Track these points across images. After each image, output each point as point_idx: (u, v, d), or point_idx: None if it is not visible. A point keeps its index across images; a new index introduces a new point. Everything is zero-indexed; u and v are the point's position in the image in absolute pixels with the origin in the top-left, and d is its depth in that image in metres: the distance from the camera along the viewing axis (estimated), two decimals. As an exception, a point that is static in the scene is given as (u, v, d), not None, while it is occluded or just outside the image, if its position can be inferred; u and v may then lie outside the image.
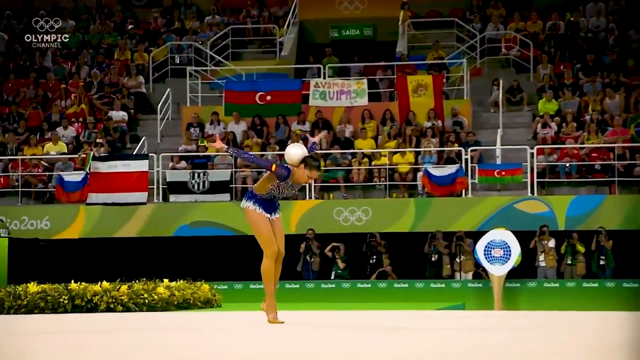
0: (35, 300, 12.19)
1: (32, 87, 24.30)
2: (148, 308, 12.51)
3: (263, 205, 9.30)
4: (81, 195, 20.82)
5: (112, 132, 22.60)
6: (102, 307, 12.12)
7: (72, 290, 12.26)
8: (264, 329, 8.51)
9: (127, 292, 12.24)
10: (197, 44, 25.64)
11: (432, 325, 8.92)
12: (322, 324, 9.44)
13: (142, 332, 8.14)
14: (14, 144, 22.07)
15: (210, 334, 7.95)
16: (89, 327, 8.79)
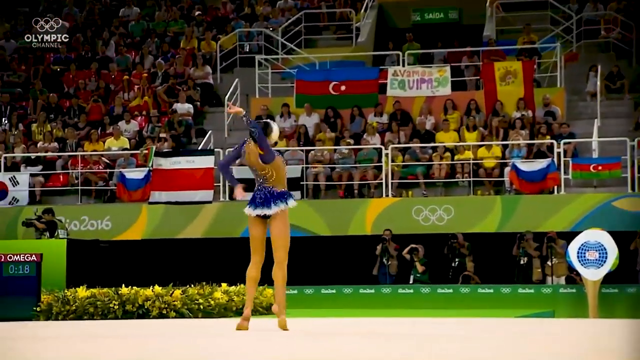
0: (84, 305, 12.36)
1: (94, 78, 24.69)
2: (204, 314, 12.58)
3: (253, 199, 9.89)
4: (143, 193, 21.06)
5: (177, 126, 22.81)
6: (154, 313, 12.23)
7: (122, 295, 12.39)
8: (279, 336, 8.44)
9: (180, 298, 12.32)
10: (268, 31, 25.73)
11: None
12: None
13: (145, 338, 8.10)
14: (74, 139, 22.44)
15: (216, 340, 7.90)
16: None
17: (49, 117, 23.26)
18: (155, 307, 12.25)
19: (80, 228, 20.86)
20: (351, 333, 8.88)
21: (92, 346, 7.44)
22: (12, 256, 13.25)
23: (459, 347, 7.18)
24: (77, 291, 12.60)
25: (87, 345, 7.61)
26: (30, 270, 13.20)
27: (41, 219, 19.20)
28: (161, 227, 20.74)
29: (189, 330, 9.80)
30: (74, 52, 25.75)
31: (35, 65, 25.35)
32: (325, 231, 20.48)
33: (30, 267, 13.16)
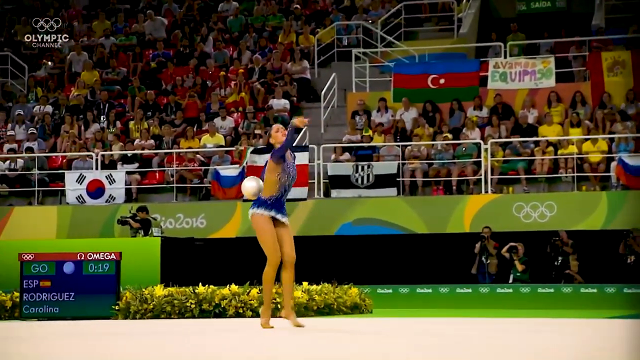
0: (161, 304, 12.61)
1: (192, 75, 25.11)
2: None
3: (274, 208, 10.24)
4: (238, 190, 21.29)
5: (272, 122, 23.03)
6: (230, 312, 12.40)
7: (199, 294, 12.60)
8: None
9: (257, 297, 12.46)
10: (367, 24, 25.75)
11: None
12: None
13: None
14: (171, 136, 22.85)
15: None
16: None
17: (146, 114, 23.74)
18: (232, 306, 12.41)
19: (176, 226, 21.22)
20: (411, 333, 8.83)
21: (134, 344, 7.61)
22: (92, 255, 13.58)
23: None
24: (154, 290, 12.86)
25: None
26: (109, 268, 13.52)
27: (136, 217, 19.63)
28: (255, 225, 20.90)
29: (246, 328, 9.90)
30: (172, 49, 26.21)
31: (134, 62, 25.91)
32: (422, 229, 20.41)
33: (109, 266, 13.48)
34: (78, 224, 21.30)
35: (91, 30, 27.20)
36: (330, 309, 13.80)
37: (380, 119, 22.72)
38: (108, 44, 26.49)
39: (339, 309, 13.98)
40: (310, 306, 13.24)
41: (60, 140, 23.05)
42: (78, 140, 22.85)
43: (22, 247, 15.86)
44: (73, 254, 13.70)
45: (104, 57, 25.96)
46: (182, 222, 21.28)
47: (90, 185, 21.58)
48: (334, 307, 13.88)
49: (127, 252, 17.82)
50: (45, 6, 28.79)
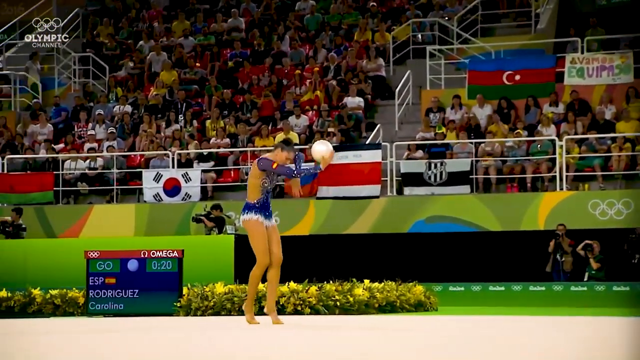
0: (222, 301, 12.78)
1: (268, 73, 25.33)
2: (341, 311, 12.77)
3: (262, 211, 10.83)
4: (311, 188, 21.47)
5: (347, 120, 23.12)
6: (289, 309, 12.51)
7: (258, 291, 12.73)
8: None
9: (315, 294, 12.56)
10: (443, 20, 25.66)
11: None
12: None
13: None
14: (246, 135, 23.09)
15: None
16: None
17: (223, 113, 24.02)
18: (290, 303, 12.52)
19: (250, 223, 21.36)
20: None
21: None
22: (155, 252, 13.82)
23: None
24: (215, 287, 13.04)
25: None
26: (172, 266, 13.74)
27: (210, 214, 19.89)
28: (328, 223, 21.05)
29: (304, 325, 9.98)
30: (249, 48, 26.46)
31: (212, 61, 26.22)
32: (495, 226, 20.28)
33: (172, 263, 13.70)
34: (155, 221, 21.65)
35: (171, 31, 27.59)
36: (393, 307, 13.82)
37: (454, 116, 22.64)
38: (187, 44, 26.85)
39: (402, 307, 13.99)
40: (372, 304, 13.29)
41: (139, 139, 23.46)
42: (156, 139, 23.22)
43: (102, 245, 16.21)
44: (137, 251, 13.95)
45: (182, 57, 26.32)
46: (257, 220, 21.40)
47: (167, 183, 21.92)
48: (396, 304, 13.90)
49: (200, 250, 18.16)
50: (126, 7, 29.31)
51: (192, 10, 28.43)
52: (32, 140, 24.19)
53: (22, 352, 7.17)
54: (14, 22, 28.36)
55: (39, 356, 6.85)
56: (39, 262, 18.16)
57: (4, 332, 10.45)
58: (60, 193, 22.59)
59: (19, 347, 7.69)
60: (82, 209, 22.31)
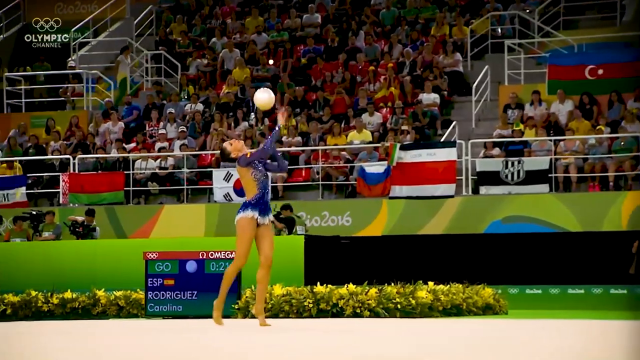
0: (279, 303, 12.85)
1: (341, 70, 25.35)
2: (403, 314, 12.73)
3: (258, 207, 10.66)
4: (384, 188, 21.42)
5: (421, 117, 23.04)
6: (348, 311, 12.52)
7: (317, 293, 12.78)
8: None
9: (375, 296, 12.55)
10: (523, 13, 25.40)
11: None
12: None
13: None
14: (318, 133, 23.14)
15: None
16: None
17: (294, 111, 24.12)
18: (349, 305, 12.53)
19: (321, 224, 21.46)
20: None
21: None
22: (213, 253, 13.94)
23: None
24: (273, 289, 13.11)
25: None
26: (230, 267, 13.80)
27: (280, 215, 19.98)
28: (402, 223, 20.97)
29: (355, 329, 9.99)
30: (323, 44, 26.52)
31: (285, 58, 26.35)
32: (575, 227, 20.00)
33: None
34: (225, 222, 21.77)
35: (244, 27, 27.80)
36: (459, 310, 13.73)
37: (533, 112, 22.38)
38: (260, 41, 27.02)
39: (468, 310, 13.89)
40: (435, 306, 13.22)
41: (210, 138, 23.68)
42: (227, 138, 23.40)
43: (171, 246, 16.40)
44: (195, 252, 14.09)
45: (255, 54, 26.49)
46: (328, 220, 21.51)
47: (238, 183, 22.04)
48: (462, 307, 13.81)
49: (270, 250, 18.26)
50: (200, 4, 29.59)
51: (266, 6, 28.60)
52: (104, 139, 24.58)
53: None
54: (87, 21, 28.86)
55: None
56: (107, 263, 18.46)
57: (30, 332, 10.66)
58: (130, 193, 22.92)
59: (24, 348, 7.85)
60: (153, 209, 22.59)
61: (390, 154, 21.10)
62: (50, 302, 16.64)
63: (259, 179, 10.68)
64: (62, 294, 16.67)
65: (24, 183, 23.36)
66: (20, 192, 23.33)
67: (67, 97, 26.97)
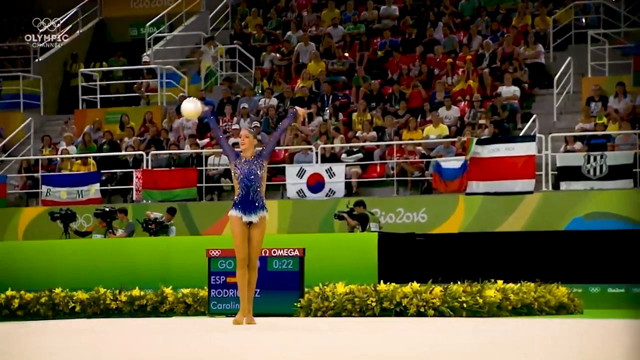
0: (342, 302, 12.86)
1: (418, 62, 25.25)
2: (469, 313, 12.65)
3: (241, 207, 10.92)
4: (460, 183, 21.29)
5: (501, 110, 22.83)
6: (411, 310, 12.48)
7: (380, 291, 12.77)
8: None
9: (440, 295, 12.49)
10: (609, 2, 25.01)
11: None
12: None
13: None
14: (393, 127, 23.08)
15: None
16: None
17: (370, 105, 24.10)
18: (413, 304, 12.49)
19: (396, 221, 21.41)
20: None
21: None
22: (276, 251, 13.99)
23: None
24: (336, 287, 13.13)
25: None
26: (293, 265, 13.88)
27: (353, 211, 19.99)
28: (479, 220, 20.80)
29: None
30: (400, 36, 26.45)
31: (361, 51, 26.34)
32: (662, 224, 19.69)
33: (293, 262, 13.85)
34: (298, 218, 21.89)
35: (320, 20, 27.86)
36: (530, 309, 13.59)
37: (617, 105, 22.03)
38: (336, 34, 27.05)
39: (540, 309, 13.75)
40: (504, 306, 13.11)
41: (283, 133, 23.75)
42: (300, 133, 23.49)
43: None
44: (258, 249, 14.14)
45: (330, 47, 26.53)
46: (403, 217, 21.45)
47: (311, 179, 22.16)
48: (533, 307, 13.67)
49: (343, 247, 18.27)
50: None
51: (343, -1, 28.64)
52: (177, 135, 24.83)
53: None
54: (162, 15, 29.20)
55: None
56: (178, 260, 18.66)
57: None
58: (203, 189, 23.13)
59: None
60: (225, 206, 22.69)
61: (467, 148, 20.97)
62: (118, 299, 16.88)
63: (238, 177, 10.84)
64: (130, 292, 16.87)
65: (98, 179, 23.73)
66: (94, 189, 23.70)
67: (142, 93, 27.32)
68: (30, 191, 24.71)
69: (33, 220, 23.58)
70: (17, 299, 17.49)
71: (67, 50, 29.80)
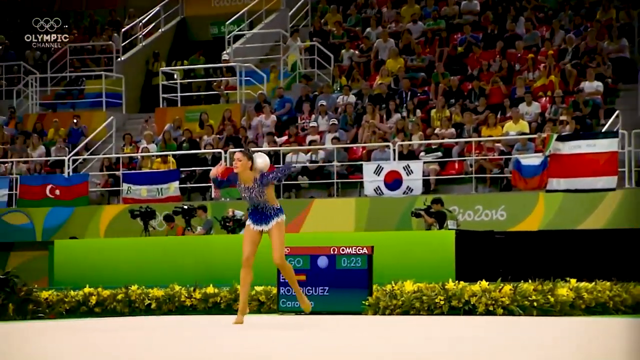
0: (410, 300, 12.80)
1: (499, 58, 25.01)
2: (540, 312, 12.49)
3: (252, 217, 11.70)
4: (540, 180, 21.05)
5: (583, 106, 22.51)
6: (480, 309, 12.37)
7: (448, 290, 12.68)
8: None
9: (509, 294, 12.36)
10: (696, -6, 24.53)
11: None
12: None
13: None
14: (472, 124, 22.89)
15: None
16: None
17: (449, 101, 23.95)
18: (482, 303, 12.37)
19: (474, 218, 21.24)
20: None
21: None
22: (345, 249, 13.97)
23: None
24: (404, 285, 13.07)
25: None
26: (361, 263, 13.84)
27: (430, 209, 19.89)
28: (559, 218, 20.54)
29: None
30: (480, 32, 26.23)
31: (440, 47, 26.18)
32: None
33: (361, 260, 13.82)
34: (375, 216, 21.84)
35: (399, 16, 27.76)
36: (605, 308, 13.38)
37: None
38: (415, 30, 26.93)
39: (616, 308, 13.53)
40: (577, 304, 12.93)
41: (361, 130, 23.73)
42: (378, 130, 23.43)
43: (323, 240, 16.51)
44: (327, 248, 14.16)
45: (410, 43, 26.42)
46: (482, 214, 21.28)
47: (388, 176, 22.09)
48: (608, 306, 13.46)
49: (419, 245, 18.19)
50: (355, -6, 29.71)
51: (424, -7, 28.51)
52: (256, 133, 24.96)
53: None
54: (242, 13, 29.38)
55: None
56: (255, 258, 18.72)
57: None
58: (281, 187, 23.20)
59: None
60: (303, 203, 22.80)
61: (546, 144, 20.74)
62: (192, 296, 17.01)
63: (244, 197, 11.60)
64: (204, 289, 16.99)
65: (178, 177, 23.97)
66: (174, 187, 23.95)
67: (221, 91, 27.52)
68: (111, 189, 25.03)
69: (114, 217, 23.91)
70: (94, 295, 17.72)
71: (149, 49, 30.16)
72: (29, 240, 24.44)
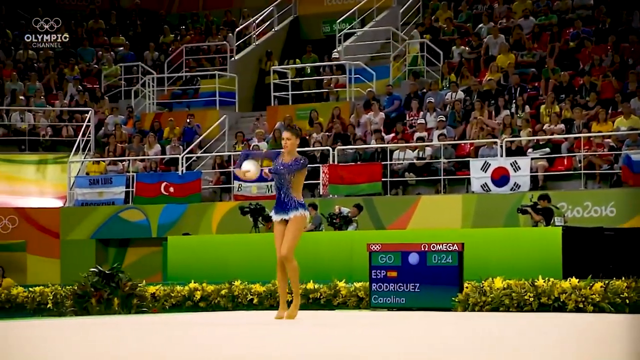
0: (500, 297, 12.69)
1: (611, 52, 24.54)
2: (632, 309, 12.26)
3: (275, 207, 11.64)
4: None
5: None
6: (570, 306, 12.18)
7: (538, 287, 12.52)
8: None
9: (600, 291, 12.16)
10: None
11: None
12: None
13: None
14: (582, 119, 22.53)
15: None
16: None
17: (559, 97, 23.62)
18: (572, 300, 12.19)
19: (583, 215, 20.90)
20: None
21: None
22: (435, 246, 13.90)
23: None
24: (494, 282, 12.96)
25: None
26: (452, 260, 13.76)
27: (537, 205, 19.66)
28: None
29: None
30: (593, 26, 25.79)
31: (552, 42, 25.81)
32: None
33: (452, 257, 13.73)
34: (482, 212, 21.67)
35: (511, 11, 27.47)
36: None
37: None
38: (526, 25, 26.62)
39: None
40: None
41: (469, 127, 23.58)
42: (486, 126, 23.25)
43: (429, 237, 16.47)
44: (417, 244, 14.12)
45: (520, 38, 26.13)
46: (591, 211, 20.93)
47: (495, 172, 21.91)
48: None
49: (526, 242, 17.98)
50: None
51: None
52: (364, 130, 25.02)
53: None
54: (353, 11, 29.46)
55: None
56: (362, 254, 18.79)
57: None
58: (388, 184, 23.21)
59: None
60: (410, 200, 22.76)
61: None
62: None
63: (273, 175, 11.62)
64: (304, 285, 17.09)
65: (287, 174, 24.13)
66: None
67: (331, 89, 27.64)
68: (223, 186, 25.38)
69: (225, 214, 24.23)
70: (199, 291, 18.01)
71: (262, 48, 30.46)
72: (144, 237, 24.98)
